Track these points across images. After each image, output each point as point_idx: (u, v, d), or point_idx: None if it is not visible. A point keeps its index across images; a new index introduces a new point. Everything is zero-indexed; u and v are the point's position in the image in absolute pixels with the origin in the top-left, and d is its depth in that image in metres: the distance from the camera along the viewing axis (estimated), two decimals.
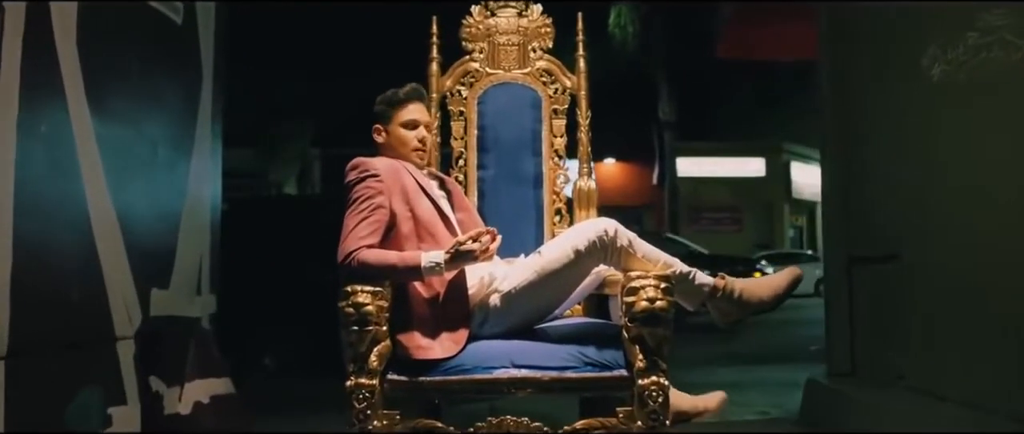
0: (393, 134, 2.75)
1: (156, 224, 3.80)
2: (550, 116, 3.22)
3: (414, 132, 2.74)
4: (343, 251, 2.48)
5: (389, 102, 2.75)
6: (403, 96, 2.76)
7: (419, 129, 2.75)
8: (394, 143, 2.75)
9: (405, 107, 2.75)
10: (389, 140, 2.76)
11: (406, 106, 2.75)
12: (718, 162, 22.91)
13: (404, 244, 2.57)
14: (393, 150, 2.75)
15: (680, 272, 2.57)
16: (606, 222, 2.53)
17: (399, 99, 2.75)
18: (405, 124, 2.74)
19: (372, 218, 2.54)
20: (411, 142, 2.74)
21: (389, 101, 2.75)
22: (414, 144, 2.74)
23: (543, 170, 3.17)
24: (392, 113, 2.75)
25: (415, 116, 2.75)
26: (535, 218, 3.13)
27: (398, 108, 2.75)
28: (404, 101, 2.75)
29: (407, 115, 2.75)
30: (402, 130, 2.74)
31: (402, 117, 2.74)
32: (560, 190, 3.17)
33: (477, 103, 3.23)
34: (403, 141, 2.74)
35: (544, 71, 3.25)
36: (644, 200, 20.86)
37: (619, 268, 2.55)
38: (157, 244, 3.79)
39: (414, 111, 2.76)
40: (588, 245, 2.50)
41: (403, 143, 2.74)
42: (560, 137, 3.21)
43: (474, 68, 3.25)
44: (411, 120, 2.74)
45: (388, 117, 2.76)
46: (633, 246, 2.53)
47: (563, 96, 3.23)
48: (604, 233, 2.50)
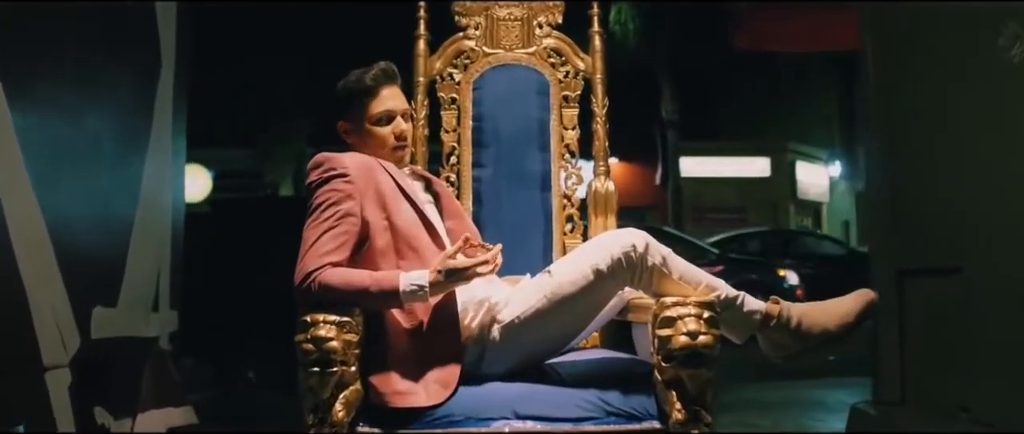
0: (365, 133, 2.23)
1: (100, 232, 3.28)
2: (560, 104, 2.69)
3: (390, 126, 2.22)
4: (301, 271, 1.97)
5: (354, 92, 2.22)
6: (370, 82, 2.21)
7: (396, 122, 2.23)
8: (367, 147, 2.24)
9: (376, 96, 2.22)
10: (360, 141, 2.24)
11: (377, 94, 2.22)
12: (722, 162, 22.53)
13: (379, 261, 2.06)
14: (368, 150, 2.22)
15: (726, 297, 2.06)
16: (633, 234, 2.01)
17: (366, 86, 2.21)
18: (378, 118, 2.22)
19: (339, 229, 2.02)
20: (389, 141, 2.23)
21: (354, 91, 2.22)
22: (392, 142, 2.22)
23: (551, 169, 2.66)
24: (360, 106, 2.22)
25: (389, 105, 2.22)
26: (542, 227, 2.61)
27: (367, 99, 2.21)
28: (373, 88, 2.21)
29: (379, 106, 2.21)
30: (376, 128, 2.22)
31: (374, 109, 2.21)
32: (572, 193, 2.65)
33: (472, 89, 2.71)
34: (380, 141, 2.23)
35: (553, 51, 2.73)
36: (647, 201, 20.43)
37: (649, 292, 2.04)
38: (101, 256, 3.27)
39: (387, 99, 2.23)
40: (612, 263, 1.98)
41: (380, 144, 2.23)
42: (572, 129, 2.69)
43: (469, 47, 2.73)
44: (385, 112, 2.21)
45: (355, 111, 2.23)
46: (668, 265, 2.01)
47: (575, 80, 2.71)
48: (631, 249, 1.98)
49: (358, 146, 2.23)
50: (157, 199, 3.80)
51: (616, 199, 2.62)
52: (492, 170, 2.65)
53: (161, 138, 3.85)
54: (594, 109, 2.67)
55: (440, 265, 1.98)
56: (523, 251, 2.54)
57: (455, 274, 1.97)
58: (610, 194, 2.61)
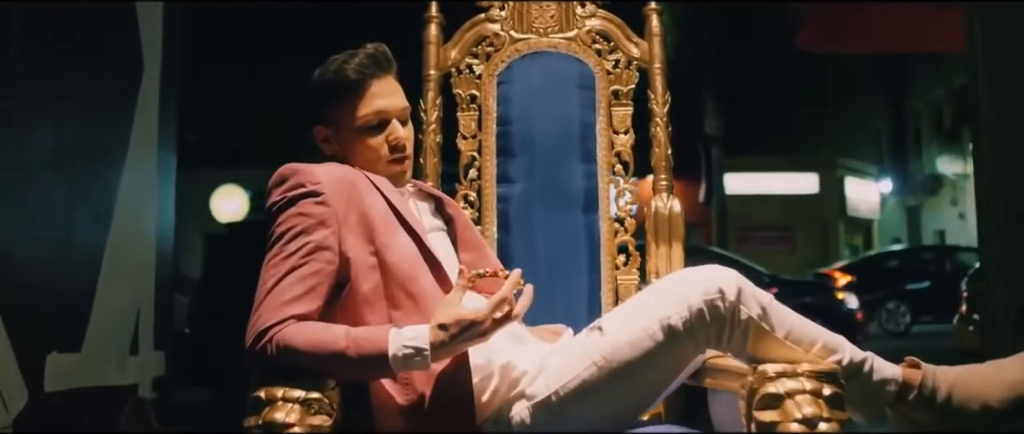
0: (350, 141, 1.65)
1: (57, 264, 2.76)
2: (608, 101, 2.11)
3: (384, 133, 1.63)
4: (255, 326, 1.43)
5: (333, 88, 1.62)
6: (354, 74, 1.61)
7: (391, 126, 1.64)
8: (352, 158, 1.65)
9: (363, 93, 1.62)
10: (344, 150, 1.66)
11: (364, 90, 1.62)
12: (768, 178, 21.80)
13: (364, 313, 1.50)
14: (355, 163, 1.65)
15: (850, 362, 1.45)
16: (720, 275, 1.42)
17: (348, 80, 1.61)
18: (366, 123, 1.62)
19: (307, 269, 1.46)
20: (381, 152, 1.64)
21: (333, 86, 1.62)
22: (386, 154, 1.64)
23: (598, 184, 2.07)
24: (342, 106, 1.63)
25: (380, 104, 1.63)
26: (587, 261, 2.02)
27: (351, 97, 1.62)
28: (358, 82, 1.62)
29: (368, 106, 1.62)
30: (364, 136, 1.63)
31: (361, 111, 1.62)
32: (625, 215, 2.05)
33: (497, 84, 2.14)
34: (370, 153, 1.64)
35: (599, 34, 2.14)
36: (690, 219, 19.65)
37: (742, 355, 1.45)
38: (59, 292, 2.74)
39: (379, 96, 1.63)
40: (690, 318, 1.40)
41: (371, 156, 1.64)
42: (624, 133, 2.10)
43: (492, 32, 2.15)
44: (375, 113, 1.62)
45: (337, 113, 1.64)
46: (769, 318, 1.42)
47: (628, 72, 2.12)
48: (718, 296, 1.39)
49: (342, 159, 1.66)
50: (136, 224, 3.29)
51: (683, 223, 2.02)
52: (522, 187, 2.07)
53: (142, 152, 3.34)
54: (652, 107, 2.08)
55: (447, 317, 1.40)
56: (562, 293, 1.96)
57: (468, 329, 1.39)
58: (675, 217, 2.01)
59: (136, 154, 3.28)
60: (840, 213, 22.30)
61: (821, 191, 22.22)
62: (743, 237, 19.96)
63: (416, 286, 1.51)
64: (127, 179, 3.21)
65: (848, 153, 22.72)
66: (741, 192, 20.81)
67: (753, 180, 21.56)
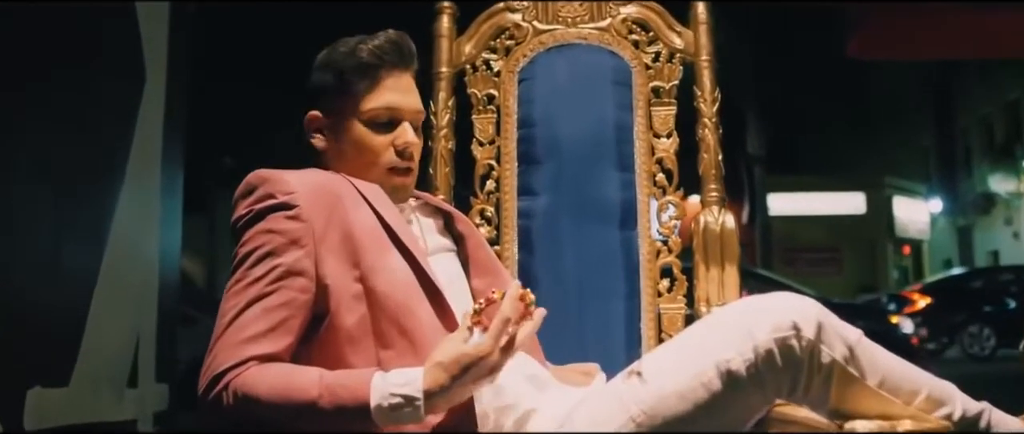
0: (349, 137, 1.35)
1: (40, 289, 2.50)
2: (648, 100, 1.81)
3: (392, 134, 1.35)
4: (211, 368, 1.15)
5: (342, 69, 1.35)
6: (370, 57, 1.34)
7: (402, 129, 1.36)
8: (348, 158, 1.36)
9: (376, 82, 1.34)
10: (340, 148, 1.37)
11: (379, 80, 1.34)
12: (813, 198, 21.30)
13: (347, 352, 1.22)
14: (347, 164, 1.36)
15: (963, 415, 1.13)
16: (796, 307, 1.11)
17: (362, 63, 1.34)
18: (375, 117, 1.34)
19: (274, 299, 1.19)
20: (385, 156, 1.35)
21: (342, 67, 1.35)
22: (391, 159, 1.35)
23: (637, 196, 1.76)
24: (348, 92, 1.35)
25: (394, 100, 1.35)
26: (624, 286, 1.72)
27: (361, 83, 1.34)
28: (374, 69, 1.34)
29: (379, 98, 1.34)
30: (369, 131, 1.35)
31: (370, 102, 1.34)
32: (670, 233, 1.75)
33: (518, 81, 1.85)
34: (371, 152, 1.35)
35: (636, 24, 1.85)
36: None
37: (823, 408, 1.13)
38: (42, 320, 2.48)
39: (394, 90, 1.35)
40: (757, 361, 1.09)
41: (371, 158, 1.35)
42: (667, 136, 1.79)
43: (513, 23, 1.87)
44: (387, 108, 1.34)
45: (340, 99, 1.35)
46: (858, 361, 1.11)
47: (670, 65, 1.82)
48: (793, 333, 1.08)
49: (332, 158, 1.38)
50: (136, 245, 3.03)
51: (738, 241, 1.71)
52: (548, 199, 1.77)
53: (144, 168, 3.09)
54: (699, 106, 1.78)
55: (446, 354, 1.11)
56: (595, 325, 1.66)
57: (471, 367, 1.10)
58: (729, 234, 1.70)
59: (137, 172, 3.02)
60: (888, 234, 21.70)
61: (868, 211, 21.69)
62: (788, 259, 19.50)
63: (411, 320, 1.22)
64: (126, 197, 2.95)
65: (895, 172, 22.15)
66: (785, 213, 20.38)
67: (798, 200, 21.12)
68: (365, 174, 1.35)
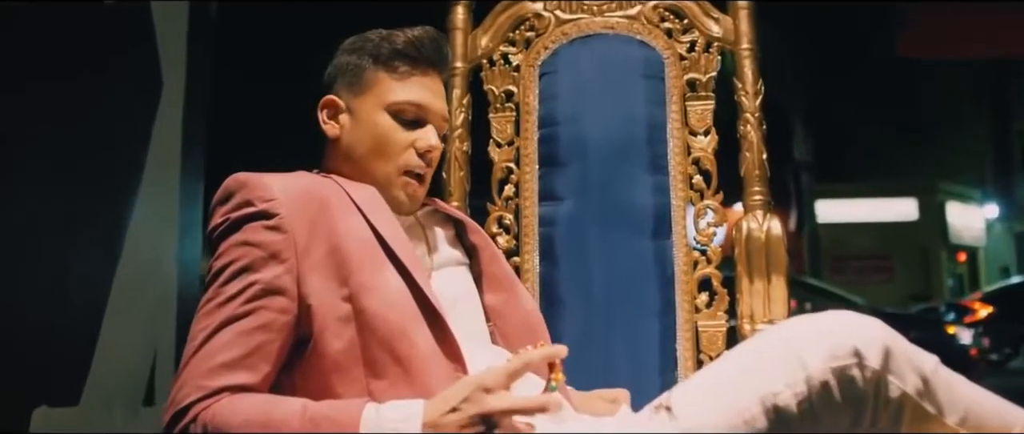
0: (370, 126, 1.21)
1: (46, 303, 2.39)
2: (682, 94, 1.63)
3: (414, 134, 1.22)
4: (176, 399, 1.00)
5: (373, 53, 1.22)
6: (405, 47, 1.22)
7: (427, 130, 1.22)
8: (362, 149, 1.22)
9: (410, 73, 1.22)
10: (354, 137, 1.22)
11: (408, 74, 1.22)
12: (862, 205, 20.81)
13: (333, 381, 1.07)
14: (355, 165, 1.22)
15: None
16: (857, 329, 0.94)
17: (395, 51, 1.22)
18: (398, 110, 1.21)
19: (250, 322, 1.05)
20: (403, 156, 1.21)
21: (378, 51, 1.22)
22: (407, 159, 1.21)
23: (671, 201, 1.58)
24: (376, 80, 1.22)
25: (424, 97, 1.22)
26: (658, 300, 1.54)
27: (392, 71, 1.22)
28: (405, 61, 1.22)
29: (409, 91, 1.21)
30: (392, 123, 1.21)
31: (399, 93, 1.21)
32: (708, 241, 1.57)
33: (539, 76, 1.69)
34: (389, 148, 1.21)
35: (669, 11, 1.67)
36: None
37: None
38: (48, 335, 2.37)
39: (423, 89, 1.23)
40: (810, 394, 0.92)
41: (387, 153, 1.20)
42: (704, 134, 1.61)
43: (533, 12, 1.71)
44: (414, 104, 1.21)
45: (363, 84, 1.22)
46: (932, 393, 0.91)
47: (708, 56, 1.64)
48: (854, 361, 0.91)
49: (344, 148, 1.23)
50: (152, 258, 2.91)
51: (785, 250, 1.52)
52: (572, 205, 1.60)
53: (162, 178, 2.98)
54: (740, 99, 1.60)
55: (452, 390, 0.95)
56: (625, 344, 1.49)
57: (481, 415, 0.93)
58: (775, 241, 1.51)
59: (153, 182, 2.91)
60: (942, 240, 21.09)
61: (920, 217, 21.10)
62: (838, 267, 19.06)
63: (406, 346, 1.06)
64: (141, 208, 2.85)
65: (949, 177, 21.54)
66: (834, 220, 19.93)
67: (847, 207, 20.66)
68: (376, 170, 1.20)
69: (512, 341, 1.27)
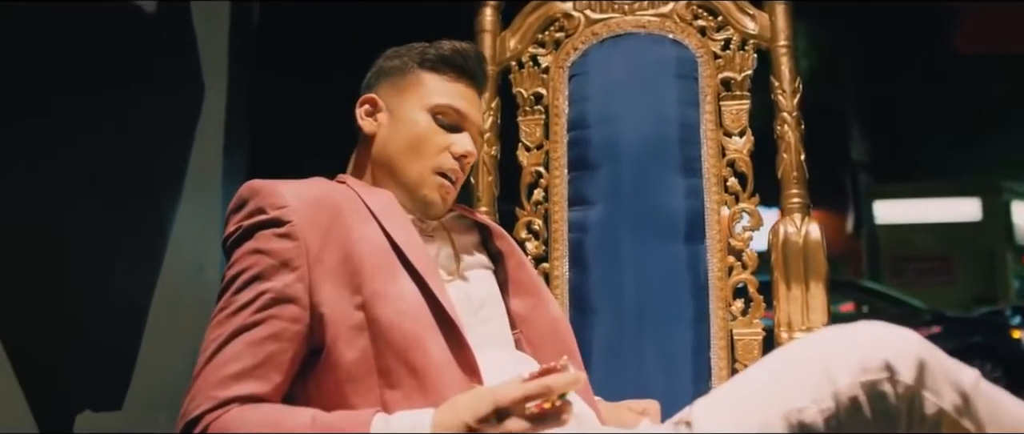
0: (409, 125, 1.20)
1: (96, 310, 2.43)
2: (717, 94, 1.58)
3: (452, 138, 1.20)
4: (188, 410, 1.00)
5: (424, 58, 1.23)
6: (451, 54, 1.22)
7: (463, 137, 1.20)
8: (399, 146, 1.20)
9: (449, 80, 1.22)
10: (392, 134, 1.21)
11: (451, 80, 1.22)
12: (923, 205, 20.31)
13: (347, 391, 1.05)
14: (389, 162, 1.21)
15: None
16: (889, 341, 0.88)
17: (442, 57, 1.22)
18: (439, 111, 1.20)
19: (261, 332, 1.03)
20: (437, 158, 1.20)
21: (425, 55, 1.23)
22: (443, 161, 1.19)
23: (705, 204, 1.53)
24: (420, 82, 1.22)
25: (465, 106, 1.22)
26: (691, 307, 1.49)
27: (437, 75, 1.22)
28: (450, 68, 1.22)
29: (450, 95, 1.21)
30: (431, 124, 1.20)
31: (441, 97, 1.21)
32: (744, 246, 1.51)
33: (569, 78, 1.65)
34: (427, 147, 1.20)
35: (702, 8, 1.62)
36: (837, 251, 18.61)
37: None
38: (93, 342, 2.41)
39: (464, 97, 1.23)
40: (838, 410, 0.87)
41: (423, 153, 1.19)
42: (740, 135, 1.56)
43: (563, 12, 1.67)
44: (455, 108, 1.21)
45: (407, 85, 1.22)
46: (972, 410, 0.85)
47: (743, 54, 1.59)
48: (886, 375, 0.86)
49: (379, 146, 1.21)
50: (194, 265, 2.94)
51: (824, 256, 1.46)
52: (603, 209, 1.56)
53: (204, 185, 3.01)
54: (777, 99, 1.54)
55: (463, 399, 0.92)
56: (657, 353, 1.45)
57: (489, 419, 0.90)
58: (813, 246, 1.45)
59: (195, 189, 2.94)
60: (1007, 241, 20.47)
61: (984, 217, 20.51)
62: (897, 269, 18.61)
63: (420, 355, 1.03)
64: (184, 214, 2.88)
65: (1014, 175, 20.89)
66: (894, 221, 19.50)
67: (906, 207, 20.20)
68: (410, 168, 1.18)
69: (538, 348, 1.23)
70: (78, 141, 2.45)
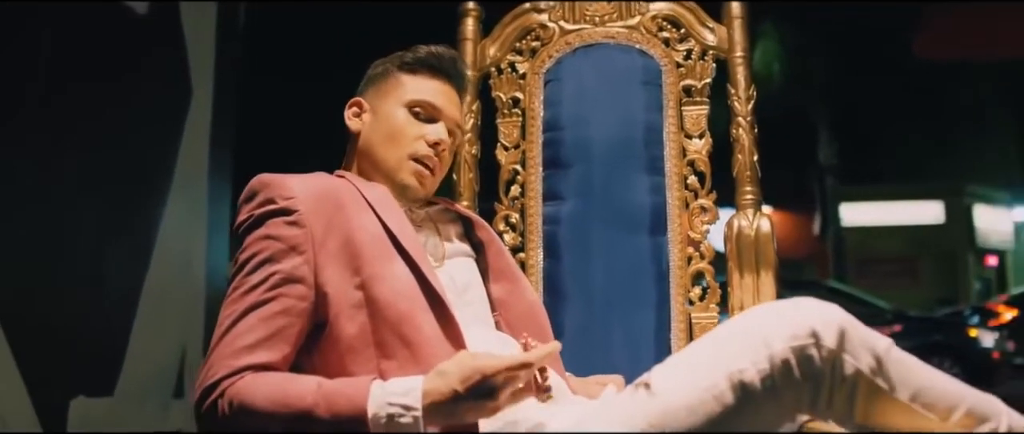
0: (388, 120, 1.35)
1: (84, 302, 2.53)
2: (679, 100, 1.73)
3: (428, 127, 1.35)
4: (205, 377, 1.13)
5: (401, 61, 1.38)
6: (426, 56, 1.37)
7: (437, 127, 1.34)
8: (378, 138, 1.35)
9: (423, 78, 1.37)
10: (373, 129, 1.36)
11: (426, 78, 1.37)
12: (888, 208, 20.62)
13: (347, 362, 1.18)
14: (371, 154, 1.35)
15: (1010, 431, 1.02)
16: (816, 313, 1.03)
17: (417, 59, 1.37)
18: (413, 104, 1.35)
19: (271, 308, 1.16)
20: (413, 144, 1.33)
21: (402, 59, 1.38)
22: (417, 148, 1.33)
23: (668, 200, 1.68)
24: (397, 82, 1.37)
25: (439, 100, 1.36)
26: (654, 293, 1.64)
27: (411, 75, 1.37)
28: (424, 68, 1.37)
29: (422, 91, 1.36)
30: (407, 117, 1.35)
31: (415, 94, 1.35)
32: (702, 238, 1.66)
33: (544, 83, 1.79)
34: (403, 136, 1.34)
35: (666, 21, 1.77)
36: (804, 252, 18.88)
37: (848, 422, 1.04)
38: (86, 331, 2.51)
39: (438, 92, 1.37)
40: (773, 371, 1.02)
41: (400, 141, 1.34)
42: (699, 137, 1.71)
43: (538, 23, 1.82)
44: (429, 103, 1.35)
45: (386, 87, 1.37)
46: (885, 371, 1.01)
47: (703, 63, 1.74)
48: (812, 341, 1.00)
49: (364, 140, 1.36)
50: (182, 258, 3.06)
51: (774, 247, 1.61)
52: (574, 204, 1.71)
53: (190, 182, 3.12)
54: (733, 104, 1.69)
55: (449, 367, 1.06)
56: (623, 334, 1.59)
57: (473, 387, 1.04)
58: (764, 239, 1.60)
59: (183, 186, 3.06)
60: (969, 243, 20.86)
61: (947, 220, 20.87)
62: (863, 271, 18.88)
63: (412, 330, 1.17)
64: (172, 210, 2.99)
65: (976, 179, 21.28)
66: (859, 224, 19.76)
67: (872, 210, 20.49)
68: (388, 156, 1.33)
69: (516, 329, 1.37)
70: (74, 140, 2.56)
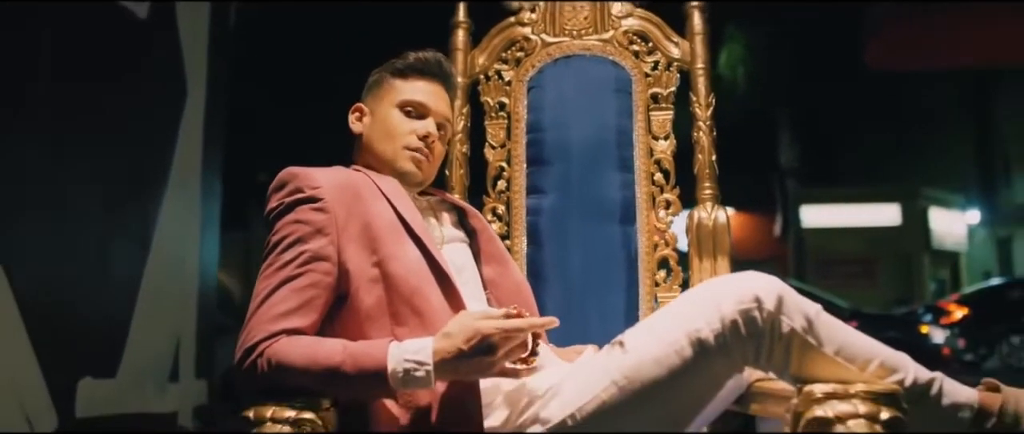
0: (383, 120, 1.57)
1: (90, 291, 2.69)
2: (647, 106, 1.96)
3: (417, 123, 1.56)
4: (245, 341, 1.33)
5: (393, 68, 1.61)
6: (414, 61, 1.59)
7: (426, 122, 1.56)
8: (376, 136, 1.57)
9: (412, 81, 1.58)
10: (372, 129, 1.58)
11: (414, 81, 1.58)
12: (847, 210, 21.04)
13: (366, 328, 1.38)
14: (372, 151, 1.57)
15: (914, 383, 1.26)
16: (757, 282, 1.25)
17: (408, 64, 1.59)
18: (403, 104, 1.57)
19: (302, 281, 1.35)
20: (405, 139, 1.55)
21: (394, 66, 1.61)
22: (409, 141, 1.55)
23: (636, 194, 1.90)
24: (390, 85, 1.59)
25: (425, 99, 1.58)
26: (625, 277, 1.86)
27: (402, 79, 1.59)
28: (413, 72, 1.59)
29: (411, 92, 1.58)
30: (399, 116, 1.57)
31: (405, 95, 1.57)
32: (666, 227, 1.89)
33: (527, 90, 2.01)
34: (396, 132, 1.56)
35: (636, 35, 2.00)
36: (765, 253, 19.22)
37: (786, 375, 1.28)
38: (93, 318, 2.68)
39: (425, 92, 1.59)
40: (721, 330, 1.23)
41: (393, 136, 1.55)
42: (664, 139, 1.94)
43: (522, 36, 2.03)
44: (416, 102, 1.57)
45: (381, 91, 1.60)
46: (816, 331, 1.24)
47: (668, 73, 1.97)
48: (755, 305, 1.22)
49: (365, 139, 1.58)
50: (177, 252, 3.23)
51: (730, 235, 1.84)
52: (554, 198, 1.92)
53: (185, 180, 3.29)
54: (694, 110, 1.92)
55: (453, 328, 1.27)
56: (597, 312, 1.80)
57: (475, 345, 1.25)
58: (721, 228, 1.83)
59: (178, 183, 3.23)
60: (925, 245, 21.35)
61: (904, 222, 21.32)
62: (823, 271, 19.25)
63: (422, 301, 1.38)
64: (168, 206, 3.16)
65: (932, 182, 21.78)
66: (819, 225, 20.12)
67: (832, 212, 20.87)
68: (386, 149, 1.54)
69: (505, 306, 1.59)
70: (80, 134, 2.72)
